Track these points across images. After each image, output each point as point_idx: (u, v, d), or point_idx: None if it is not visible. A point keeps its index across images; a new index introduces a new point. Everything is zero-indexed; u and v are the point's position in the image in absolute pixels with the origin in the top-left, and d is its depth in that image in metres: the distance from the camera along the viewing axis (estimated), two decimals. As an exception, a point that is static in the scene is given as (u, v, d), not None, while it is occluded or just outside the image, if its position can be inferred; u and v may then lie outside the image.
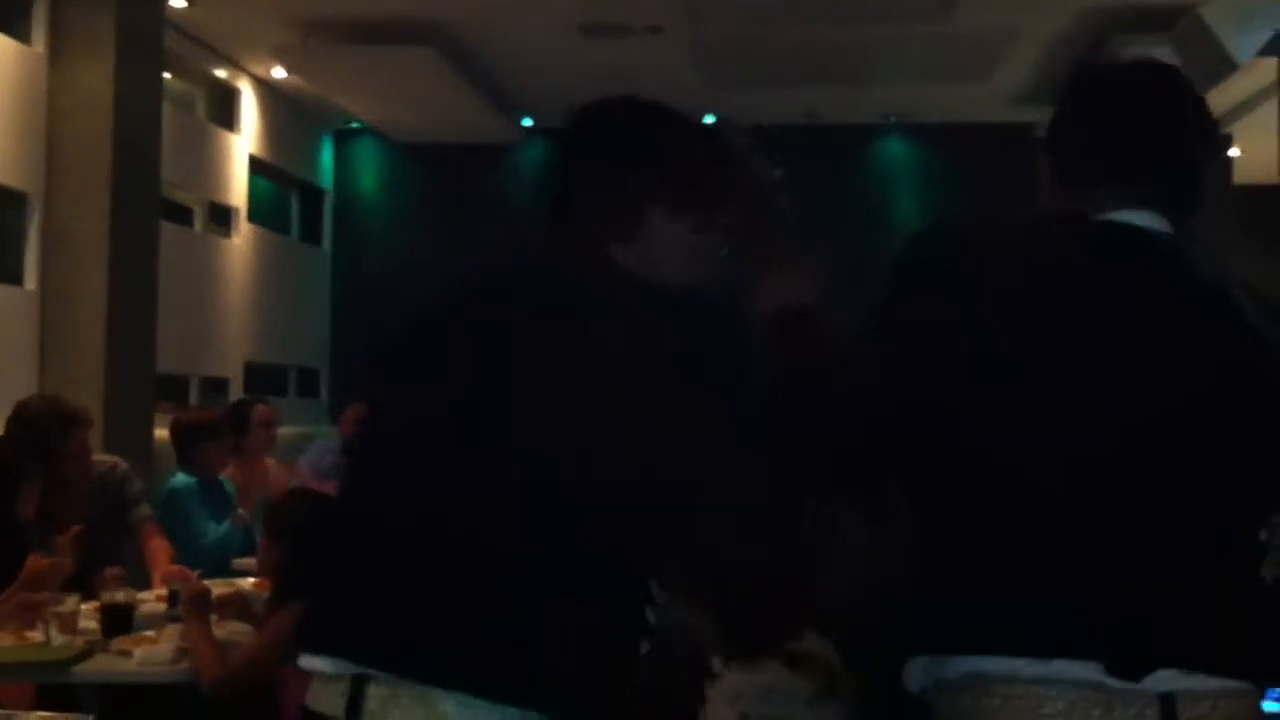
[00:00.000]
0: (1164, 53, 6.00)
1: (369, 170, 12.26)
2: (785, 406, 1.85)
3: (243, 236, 10.39)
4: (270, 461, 6.51)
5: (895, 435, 1.82)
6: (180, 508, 5.71)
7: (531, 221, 2.01)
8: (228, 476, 6.11)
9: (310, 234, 12.12)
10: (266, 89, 10.68)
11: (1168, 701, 1.66)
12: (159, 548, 5.25)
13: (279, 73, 10.18)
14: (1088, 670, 1.66)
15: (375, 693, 1.71)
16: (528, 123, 11.38)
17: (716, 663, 2.84)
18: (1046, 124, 2.00)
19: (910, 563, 1.83)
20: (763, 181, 2.01)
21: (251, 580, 4.98)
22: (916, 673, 1.80)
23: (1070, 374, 1.76)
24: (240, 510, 5.87)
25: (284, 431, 7.08)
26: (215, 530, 5.77)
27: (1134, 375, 1.76)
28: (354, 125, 11.79)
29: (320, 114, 11.41)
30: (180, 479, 5.83)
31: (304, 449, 6.73)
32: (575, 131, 2.00)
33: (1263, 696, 1.76)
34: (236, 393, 9.67)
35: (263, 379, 10.62)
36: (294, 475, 6.38)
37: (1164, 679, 1.67)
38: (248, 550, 5.64)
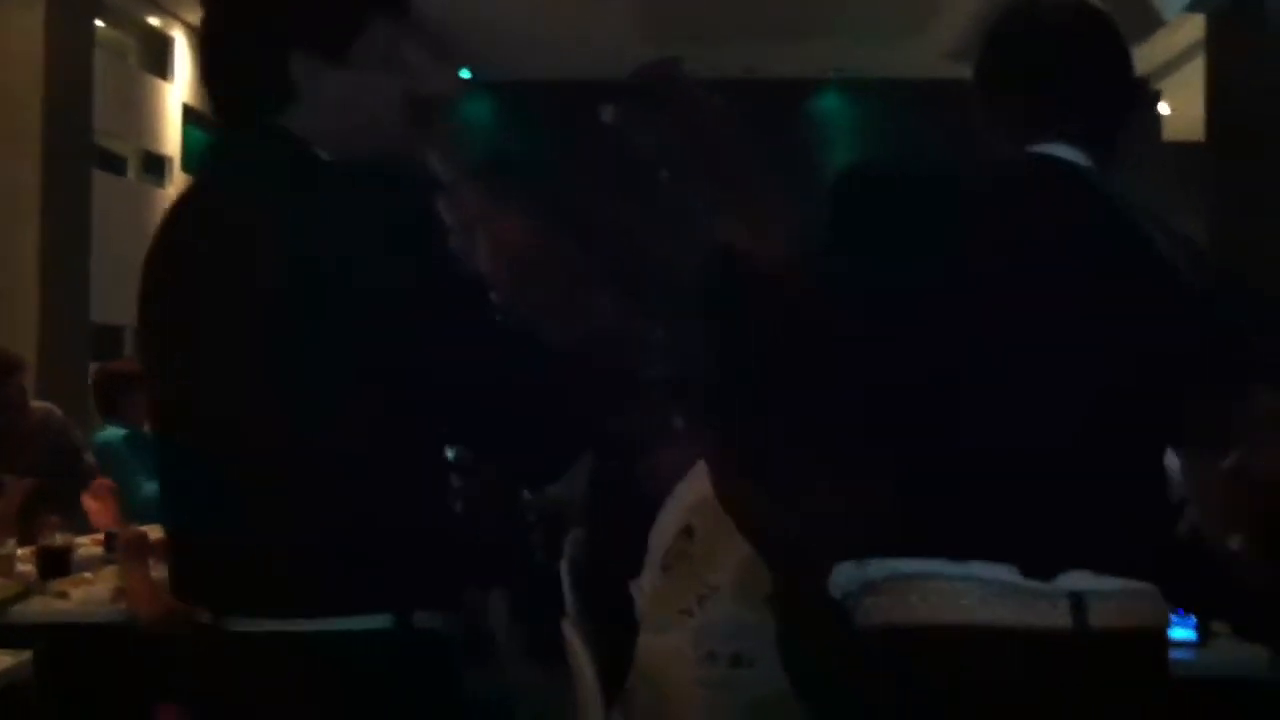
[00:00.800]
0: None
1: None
2: (758, 345, 1.93)
3: (177, 186, 10.28)
4: None
5: (837, 362, 1.91)
6: (111, 462, 5.48)
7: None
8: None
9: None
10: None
11: (1077, 598, 1.76)
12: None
13: (213, 21, 10.03)
14: (1002, 572, 1.76)
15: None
16: (465, 75, 11.34)
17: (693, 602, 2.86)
18: (974, 69, 2.06)
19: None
20: (715, 116, 2.05)
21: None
22: (840, 578, 1.89)
23: (988, 300, 1.85)
24: None
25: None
26: (149, 486, 5.68)
27: (1049, 299, 1.85)
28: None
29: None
30: (109, 432, 5.58)
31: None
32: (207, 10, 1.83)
33: (1162, 597, 1.86)
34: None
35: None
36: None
37: (1074, 579, 1.77)
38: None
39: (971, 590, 1.77)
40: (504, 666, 3.62)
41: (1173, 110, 10.81)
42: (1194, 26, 7.53)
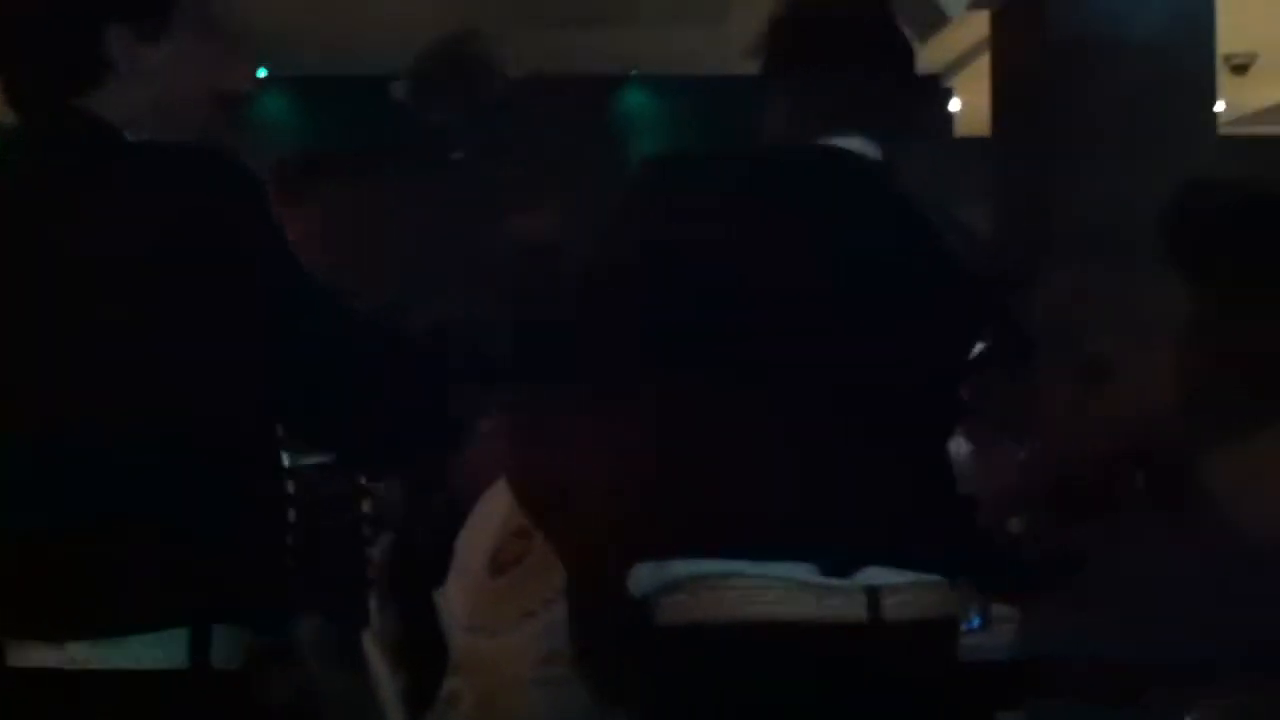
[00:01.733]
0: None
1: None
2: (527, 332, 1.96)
3: None
4: None
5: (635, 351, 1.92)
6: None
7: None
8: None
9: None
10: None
11: (872, 593, 1.81)
12: None
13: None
14: (800, 570, 1.81)
15: None
16: (263, 73, 11.08)
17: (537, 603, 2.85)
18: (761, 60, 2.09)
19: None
20: (491, 95, 2.04)
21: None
22: (641, 578, 1.90)
23: (775, 291, 1.88)
24: None
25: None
26: None
27: (836, 291, 1.89)
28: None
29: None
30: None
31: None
32: None
33: (953, 587, 1.93)
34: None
35: None
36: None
37: (869, 574, 1.83)
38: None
39: (771, 587, 1.80)
40: (311, 675, 3.57)
41: (963, 105, 11.13)
42: (979, 22, 7.75)
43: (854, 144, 1.97)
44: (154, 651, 1.58)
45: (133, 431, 1.57)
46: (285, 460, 1.86)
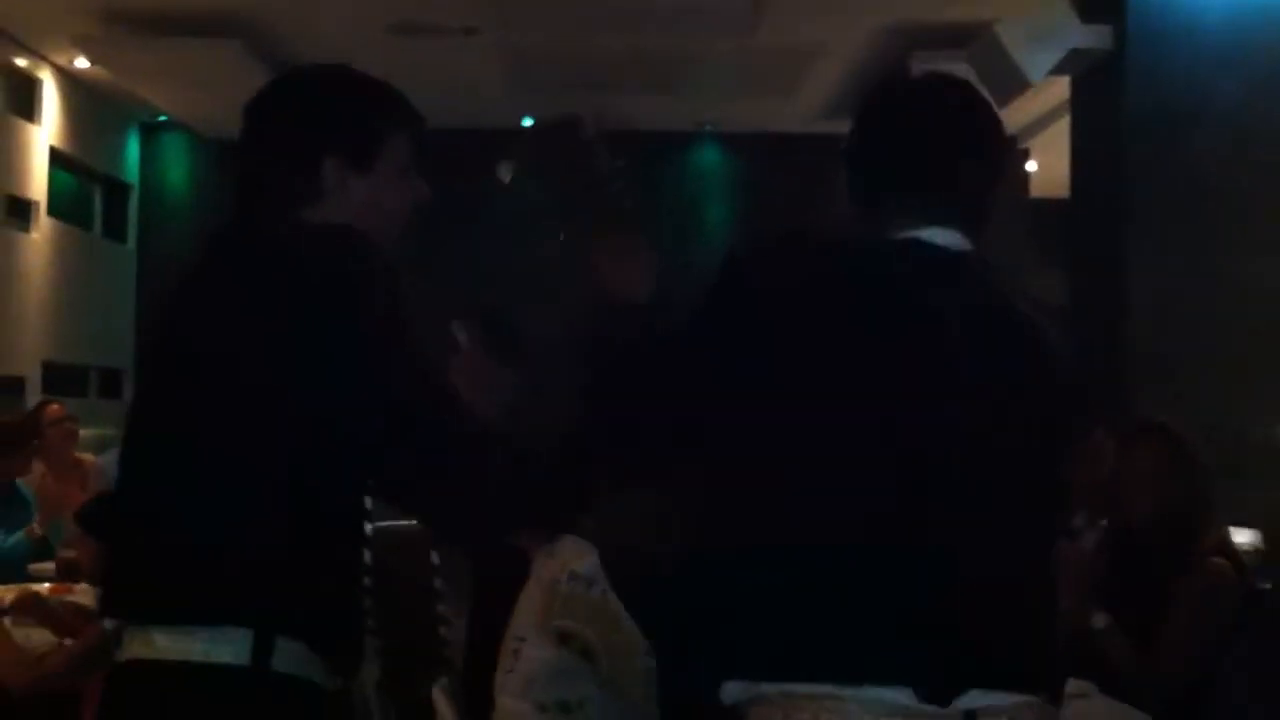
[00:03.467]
0: (961, 69, 6.21)
1: (177, 165, 11.97)
2: (606, 393, 1.91)
3: (42, 232, 10.07)
4: (93, 459, 6.37)
5: (705, 440, 1.88)
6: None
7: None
8: (32, 483, 5.94)
9: (114, 230, 11.79)
10: (69, 79, 10.38)
11: (971, 717, 1.76)
12: None
13: (82, 63, 9.90)
14: (898, 695, 1.74)
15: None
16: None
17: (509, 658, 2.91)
18: (846, 140, 2.03)
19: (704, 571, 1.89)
20: (604, 171, 2.04)
21: (48, 585, 4.86)
22: (732, 692, 1.84)
23: (875, 398, 1.81)
24: (35, 525, 5.70)
25: (86, 433, 6.89)
26: (2, 541, 5.59)
27: (937, 399, 1.82)
28: (161, 119, 11.51)
29: (126, 106, 11.12)
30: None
31: (106, 450, 6.57)
32: (252, 109, 2.06)
33: (1055, 706, 1.86)
34: (34, 393, 9.38)
35: (62, 379, 10.30)
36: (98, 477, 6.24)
37: (968, 697, 1.76)
38: (44, 557, 5.49)
39: (866, 710, 1.74)
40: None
41: (1040, 167, 11.10)
42: (1060, 87, 7.74)
43: (940, 236, 1.91)
44: (222, 649, 1.84)
45: (247, 473, 1.86)
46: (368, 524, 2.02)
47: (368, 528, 2.00)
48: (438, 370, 1.98)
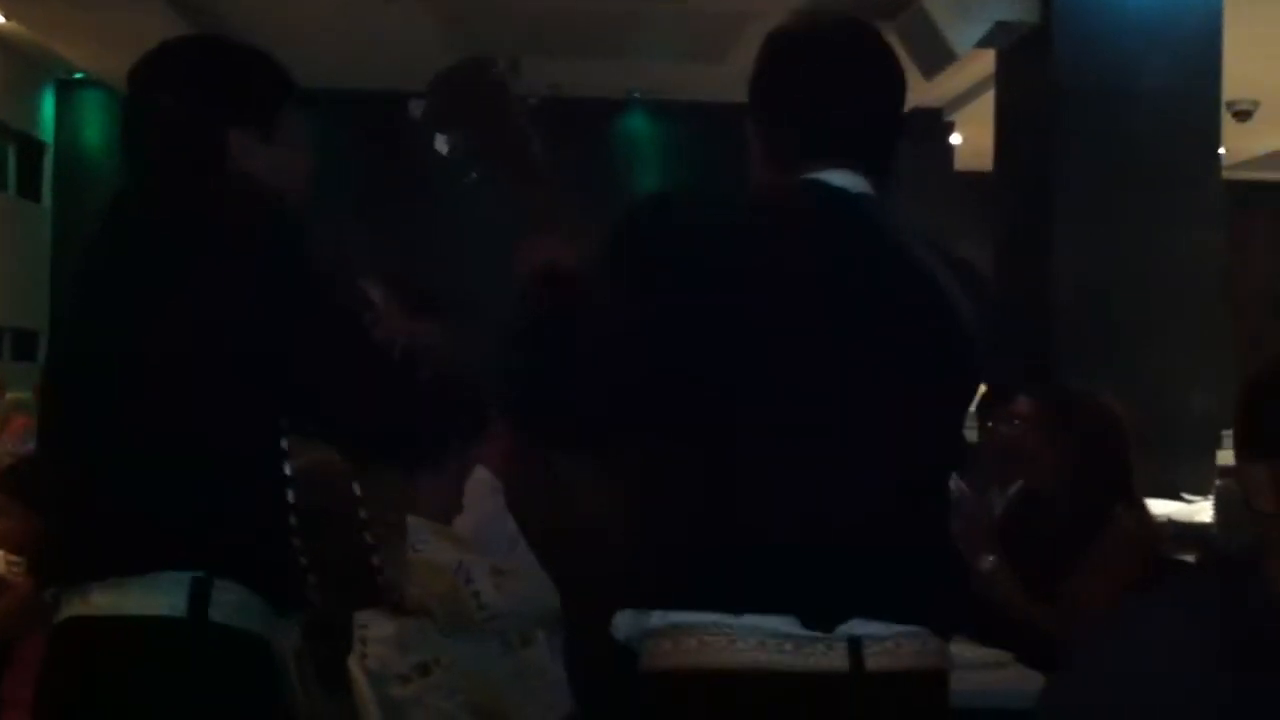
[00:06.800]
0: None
1: (94, 123, 11.73)
2: (535, 362, 1.89)
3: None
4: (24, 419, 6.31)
5: (629, 399, 1.86)
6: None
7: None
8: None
9: (29, 190, 11.56)
10: (-18, 35, 10.15)
11: (854, 642, 1.77)
12: None
13: (-3, 18, 9.68)
14: (780, 623, 1.76)
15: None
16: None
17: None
18: (749, 92, 2.02)
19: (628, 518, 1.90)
20: (519, 120, 2.02)
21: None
22: (623, 624, 1.86)
23: (768, 333, 1.83)
24: None
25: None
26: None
27: (831, 334, 1.84)
28: (77, 76, 11.28)
29: (41, 63, 10.89)
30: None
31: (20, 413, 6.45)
32: (148, 74, 2.16)
33: (940, 639, 1.88)
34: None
35: (-27, 340, 10.12)
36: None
37: (853, 625, 1.78)
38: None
39: (750, 636, 1.76)
40: (293, 689, 3.55)
41: (964, 140, 11.16)
42: (986, 60, 7.77)
43: (842, 179, 1.91)
44: (158, 599, 1.89)
45: (162, 416, 1.94)
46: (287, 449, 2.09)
47: (287, 468, 2.06)
48: (354, 314, 2.10)
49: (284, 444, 2.07)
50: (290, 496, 2.06)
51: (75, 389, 2.03)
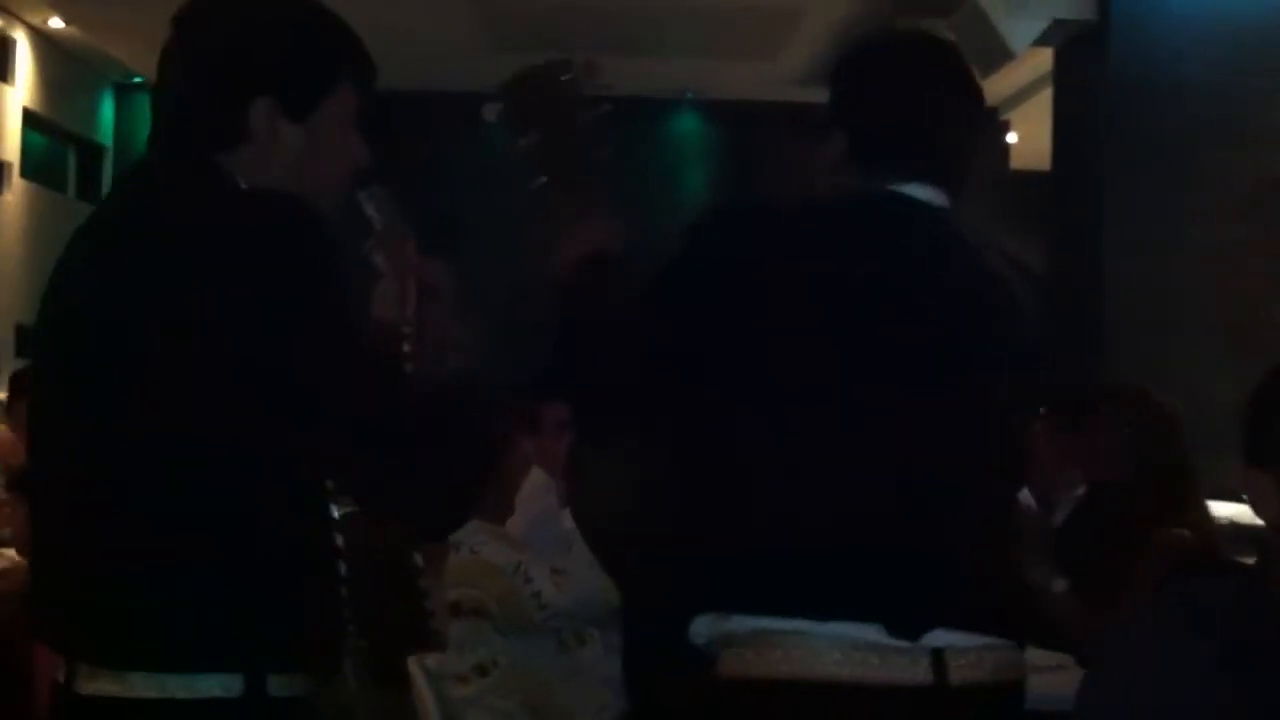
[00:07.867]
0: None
1: (152, 127, 11.83)
2: (574, 349, 1.90)
3: (15, 194, 9.97)
4: None
5: (677, 389, 1.87)
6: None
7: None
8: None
9: (89, 193, 11.68)
10: (43, 39, 10.26)
11: (938, 654, 1.77)
12: None
13: (56, 23, 9.79)
14: (865, 631, 1.76)
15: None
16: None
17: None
18: (829, 100, 2.04)
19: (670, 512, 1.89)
20: (581, 121, 2.02)
21: None
22: (701, 628, 1.86)
23: (850, 344, 1.83)
24: None
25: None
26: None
27: (913, 347, 1.84)
28: (136, 79, 11.39)
29: (100, 67, 11.00)
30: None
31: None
32: (172, 40, 1.78)
33: (1020, 650, 1.88)
34: (6, 356, 9.29)
35: (35, 341, 10.22)
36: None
37: (935, 636, 1.78)
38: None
39: (834, 647, 1.75)
40: (351, 690, 3.57)
41: (1020, 139, 11.07)
42: (1042, 58, 7.71)
43: (920, 191, 1.92)
44: (211, 685, 1.59)
45: (190, 483, 1.58)
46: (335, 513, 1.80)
47: (334, 511, 1.79)
48: (366, 358, 1.65)
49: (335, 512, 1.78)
50: (339, 541, 1.78)
51: (64, 448, 1.66)
